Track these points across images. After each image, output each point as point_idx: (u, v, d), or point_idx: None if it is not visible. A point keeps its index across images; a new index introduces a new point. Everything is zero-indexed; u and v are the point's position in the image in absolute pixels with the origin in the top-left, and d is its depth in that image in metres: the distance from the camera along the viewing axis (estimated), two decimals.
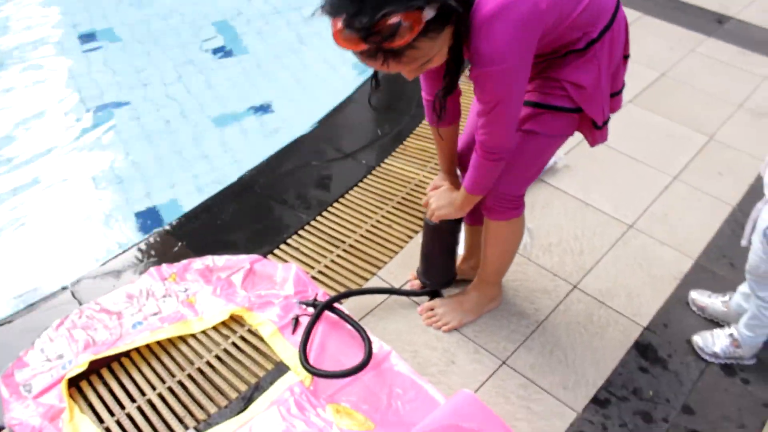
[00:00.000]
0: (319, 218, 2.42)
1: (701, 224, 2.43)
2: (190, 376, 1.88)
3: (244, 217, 2.45)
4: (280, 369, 1.89)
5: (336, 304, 2.03)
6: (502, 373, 1.91)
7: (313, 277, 2.18)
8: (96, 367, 1.88)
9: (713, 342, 1.96)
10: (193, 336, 1.98)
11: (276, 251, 2.28)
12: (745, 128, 2.95)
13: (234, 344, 1.97)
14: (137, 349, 1.94)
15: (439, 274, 2.06)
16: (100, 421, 1.78)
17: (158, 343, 1.95)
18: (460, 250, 2.11)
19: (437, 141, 1.81)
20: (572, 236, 2.37)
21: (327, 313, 2.02)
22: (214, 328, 2.01)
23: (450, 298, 2.06)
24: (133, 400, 1.82)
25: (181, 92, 3.30)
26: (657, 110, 3.00)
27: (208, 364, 1.91)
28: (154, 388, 1.85)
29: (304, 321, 2.00)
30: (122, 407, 1.80)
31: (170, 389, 1.85)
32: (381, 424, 1.75)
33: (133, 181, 2.79)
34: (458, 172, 1.87)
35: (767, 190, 1.67)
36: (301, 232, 2.36)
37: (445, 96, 1.54)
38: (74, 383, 1.84)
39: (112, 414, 1.79)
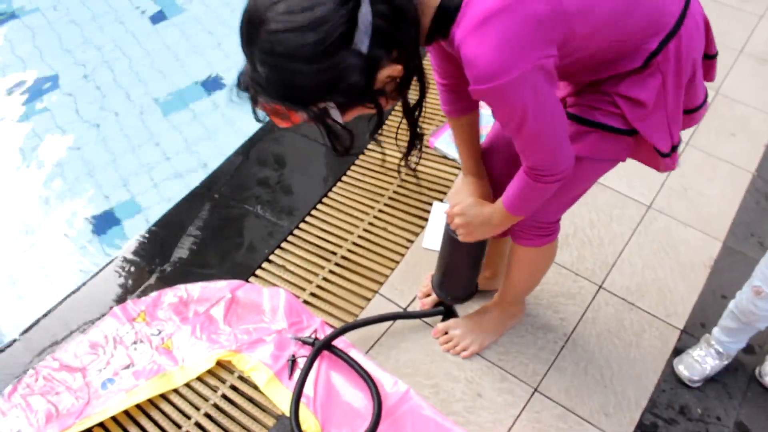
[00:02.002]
0: (302, 225, 2.10)
1: (723, 197, 2.21)
2: None
3: (214, 229, 2.12)
4: (284, 425, 1.62)
5: (336, 342, 1.75)
6: (536, 404, 1.69)
7: (306, 302, 1.89)
8: None
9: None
10: (176, 391, 1.69)
11: (258, 272, 1.97)
12: (751, 77, 2.71)
13: (224, 397, 1.69)
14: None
15: (461, 288, 1.74)
16: None
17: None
18: None
19: (456, 134, 1.47)
20: (588, 223, 2.12)
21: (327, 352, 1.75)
22: (199, 378, 1.72)
23: (467, 319, 1.80)
24: None
25: (120, 68, 2.87)
26: None
27: (198, 425, 1.63)
28: None
29: (303, 363, 1.72)
30: None
31: None
32: None
33: (79, 179, 2.42)
34: None
35: None
36: (283, 244, 2.04)
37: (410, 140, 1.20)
38: None
39: None
